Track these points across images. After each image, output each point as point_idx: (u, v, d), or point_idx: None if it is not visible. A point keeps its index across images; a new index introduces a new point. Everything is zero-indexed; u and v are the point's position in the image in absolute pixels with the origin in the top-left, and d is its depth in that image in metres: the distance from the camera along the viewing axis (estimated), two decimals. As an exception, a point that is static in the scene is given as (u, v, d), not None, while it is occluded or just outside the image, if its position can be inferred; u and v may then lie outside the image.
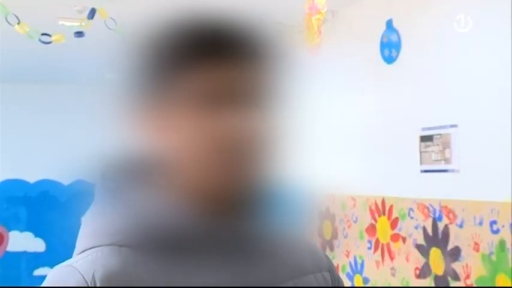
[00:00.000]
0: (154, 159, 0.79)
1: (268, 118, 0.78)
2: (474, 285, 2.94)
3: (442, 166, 3.20)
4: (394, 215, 3.57)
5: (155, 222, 0.78)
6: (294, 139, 0.81)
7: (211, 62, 0.76)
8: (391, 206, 3.60)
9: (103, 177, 0.83)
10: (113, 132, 0.84)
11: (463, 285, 3.00)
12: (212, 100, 0.76)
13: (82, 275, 0.75)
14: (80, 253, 0.80)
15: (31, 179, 6.75)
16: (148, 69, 0.79)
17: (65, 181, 6.72)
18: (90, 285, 0.74)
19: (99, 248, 0.78)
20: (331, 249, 4.22)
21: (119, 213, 0.80)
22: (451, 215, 3.11)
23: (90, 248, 0.79)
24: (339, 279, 0.96)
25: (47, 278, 0.78)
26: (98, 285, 0.74)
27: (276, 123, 0.79)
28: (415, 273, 3.38)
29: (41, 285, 0.77)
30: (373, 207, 3.76)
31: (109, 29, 3.09)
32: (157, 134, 0.79)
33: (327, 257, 0.97)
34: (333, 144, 3.67)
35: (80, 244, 0.82)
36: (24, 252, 6.71)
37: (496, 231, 2.83)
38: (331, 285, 0.93)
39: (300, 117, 0.82)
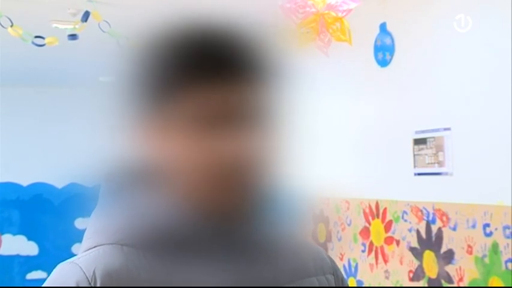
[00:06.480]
0: (154, 165, 0.81)
1: (265, 135, 0.80)
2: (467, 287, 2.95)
3: (436, 169, 3.20)
4: (388, 218, 3.58)
5: (156, 223, 0.80)
6: (291, 149, 0.82)
7: (210, 83, 0.78)
8: (385, 209, 3.61)
9: (107, 179, 0.85)
10: (108, 136, 0.84)
11: (456, 286, 3.01)
12: (209, 119, 0.78)
13: (83, 271, 0.77)
14: (84, 251, 0.82)
15: (24, 182, 6.72)
16: (147, 83, 0.81)
17: (59, 184, 6.70)
18: (90, 281, 0.76)
19: (101, 246, 0.81)
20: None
21: (122, 214, 0.82)
22: (444, 218, 3.12)
23: (94, 247, 0.81)
24: (343, 281, 0.97)
25: (51, 274, 0.80)
26: (98, 281, 0.76)
27: (273, 139, 0.80)
28: (409, 276, 3.38)
29: (45, 281, 0.80)
30: (367, 210, 3.77)
31: (103, 31, 3.09)
32: (156, 144, 0.80)
33: (331, 259, 0.97)
34: (326, 148, 3.67)
35: (84, 243, 0.84)
36: (17, 256, 6.68)
37: (489, 234, 2.84)
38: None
39: (296, 127, 0.83)
